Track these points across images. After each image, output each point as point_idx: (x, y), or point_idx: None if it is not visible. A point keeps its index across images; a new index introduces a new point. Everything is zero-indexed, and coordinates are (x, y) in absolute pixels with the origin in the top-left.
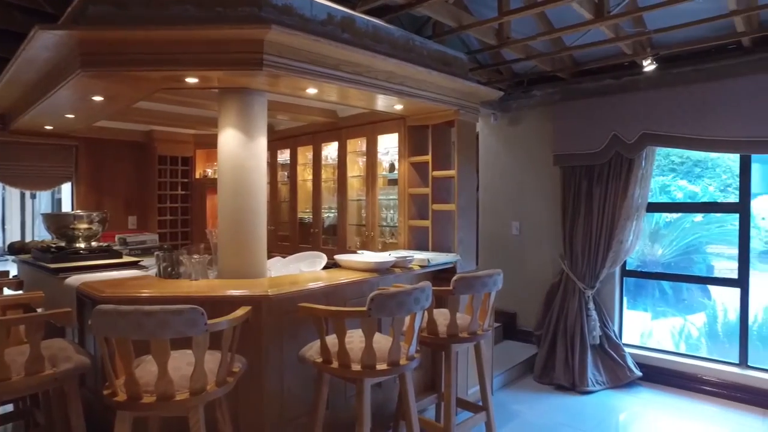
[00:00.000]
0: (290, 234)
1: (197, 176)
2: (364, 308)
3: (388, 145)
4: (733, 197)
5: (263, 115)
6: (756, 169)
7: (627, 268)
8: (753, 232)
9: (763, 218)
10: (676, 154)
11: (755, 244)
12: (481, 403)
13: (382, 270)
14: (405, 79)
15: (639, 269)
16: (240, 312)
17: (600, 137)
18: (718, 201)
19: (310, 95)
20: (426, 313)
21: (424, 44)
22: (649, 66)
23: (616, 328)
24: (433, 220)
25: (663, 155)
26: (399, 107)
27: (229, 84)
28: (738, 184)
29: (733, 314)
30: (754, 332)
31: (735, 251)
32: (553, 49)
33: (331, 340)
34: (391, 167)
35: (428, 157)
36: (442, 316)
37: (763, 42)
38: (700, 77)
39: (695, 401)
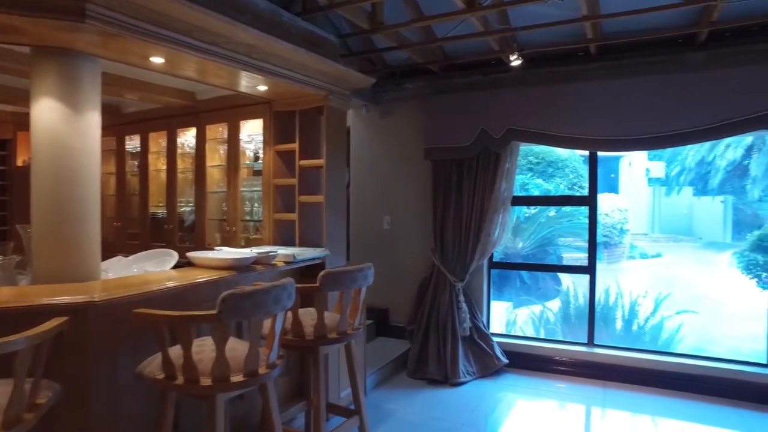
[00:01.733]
0: (141, 231)
1: (19, 164)
2: (214, 311)
3: (253, 132)
4: (580, 194)
5: (95, 86)
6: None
7: (494, 260)
8: (599, 226)
9: (606, 214)
10: (534, 155)
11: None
12: (353, 407)
13: (241, 267)
14: (269, 56)
15: (503, 261)
16: (49, 325)
17: (469, 132)
18: (572, 195)
19: (157, 66)
20: (290, 314)
21: (292, 21)
22: (515, 61)
23: (484, 319)
24: (301, 214)
25: (522, 155)
26: (263, 88)
27: (45, 41)
28: (584, 182)
29: (582, 299)
30: (598, 314)
31: (582, 243)
32: (425, 39)
33: (177, 351)
34: (256, 156)
35: (295, 146)
36: (308, 315)
37: (606, 51)
38: (557, 78)
39: (552, 381)
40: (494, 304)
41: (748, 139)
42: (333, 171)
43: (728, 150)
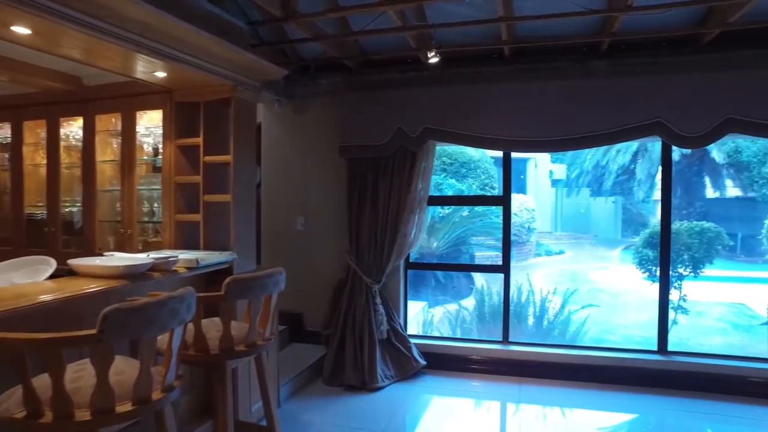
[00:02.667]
0: (14, 235)
1: None
2: (94, 330)
3: (151, 124)
4: (491, 194)
5: None
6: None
7: (410, 261)
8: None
9: (515, 214)
10: (447, 155)
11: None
12: (265, 423)
13: (135, 275)
14: (167, 37)
15: (418, 261)
16: None
17: (386, 130)
18: (487, 195)
19: (25, 39)
20: (192, 326)
21: (195, 1)
22: (433, 59)
23: (402, 321)
24: (206, 214)
25: (436, 156)
26: (162, 75)
27: None
28: (495, 182)
29: (496, 297)
30: (511, 312)
31: (494, 241)
32: (341, 32)
33: (45, 380)
34: (155, 151)
35: (200, 140)
36: (213, 327)
37: (519, 54)
38: (473, 79)
39: (469, 380)
40: (410, 304)
41: (634, 145)
42: (241, 168)
43: (619, 155)
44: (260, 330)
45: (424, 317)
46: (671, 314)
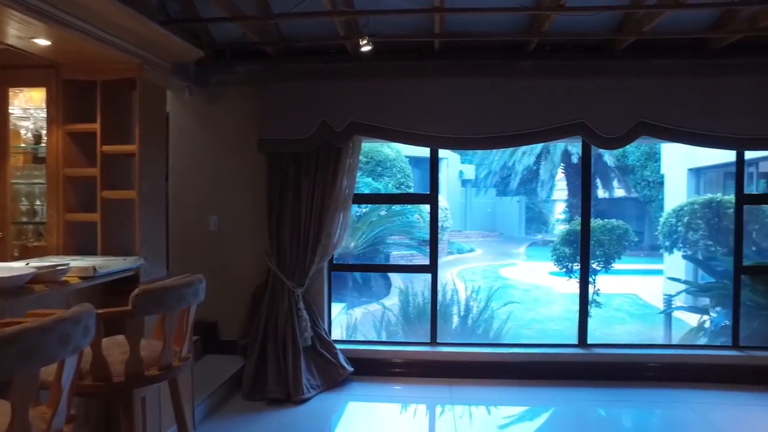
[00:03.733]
0: None
1: None
2: None
3: (31, 105)
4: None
5: None
6: (415, 174)
7: (334, 262)
8: (423, 224)
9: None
10: (363, 154)
11: (424, 234)
12: None
13: (7, 290)
14: None
15: (338, 262)
16: None
17: (309, 123)
18: (414, 193)
19: None
20: (90, 349)
21: None
22: (365, 47)
23: (326, 326)
24: (104, 213)
25: None
26: (45, 44)
27: None
28: (411, 181)
29: (421, 297)
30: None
31: (409, 241)
32: (262, 13)
33: None
34: (36, 138)
35: (96, 126)
36: (117, 349)
37: (449, 49)
38: (402, 72)
39: (399, 385)
40: (334, 308)
41: (538, 147)
42: (149, 160)
43: (524, 157)
44: (175, 348)
45: (347, 320)
46: None
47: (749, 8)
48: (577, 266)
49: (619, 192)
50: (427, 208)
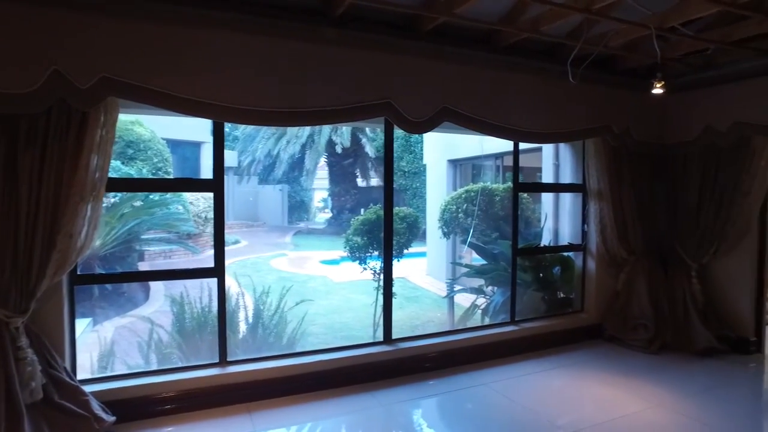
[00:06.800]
0: None
1: None
2: None
3: None
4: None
5: None
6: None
7: (78, 273)
8: (186, 215)
9: (191, 203)
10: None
11: (188, 227)
12: None
13: None
14: None
15: (84, 272)
16: None
17: (32, 71)
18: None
19: None
20: None
21: None
22: None
23: (68, 364)
24: None
25: None
26: None
27: None
28: (170, 167)
29: (198, 306)
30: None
31: (174, 236)
32: None
33: None
34: None
35: None
36: None
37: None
38: (180, 19)
39: (186, 424)
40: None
41: (304, 136)
42: None
43: (289, 145)
44: None
45: (99, 343)
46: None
47: (535, 9)
48: (369, 255)
49: (374, 181)
50: (191, 196)
